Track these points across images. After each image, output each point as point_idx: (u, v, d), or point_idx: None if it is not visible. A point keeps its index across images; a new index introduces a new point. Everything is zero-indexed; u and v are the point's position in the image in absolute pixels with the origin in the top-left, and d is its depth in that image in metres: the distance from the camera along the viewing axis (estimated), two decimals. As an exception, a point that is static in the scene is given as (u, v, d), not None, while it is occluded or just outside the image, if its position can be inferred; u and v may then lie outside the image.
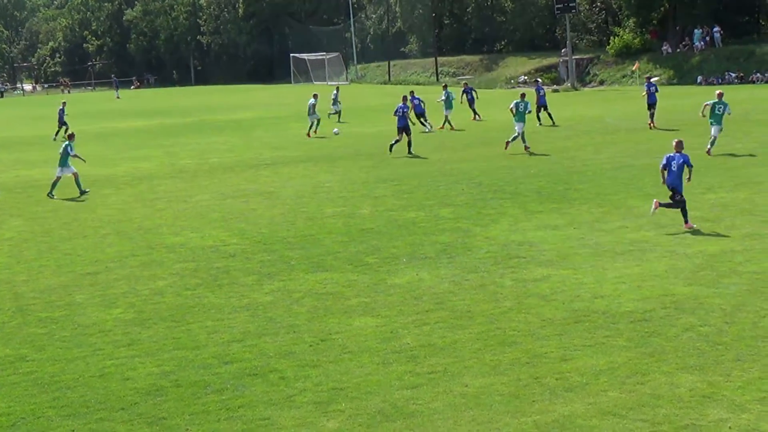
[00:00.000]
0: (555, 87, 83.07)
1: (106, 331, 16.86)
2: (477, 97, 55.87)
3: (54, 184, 33.40)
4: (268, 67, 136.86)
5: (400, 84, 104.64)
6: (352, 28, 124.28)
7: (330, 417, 12.57)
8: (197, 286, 19.78)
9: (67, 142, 34.15)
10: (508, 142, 38.14)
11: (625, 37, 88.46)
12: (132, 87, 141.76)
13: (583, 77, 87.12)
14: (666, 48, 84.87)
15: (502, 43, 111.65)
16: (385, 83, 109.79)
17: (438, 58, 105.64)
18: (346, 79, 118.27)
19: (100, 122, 68.45)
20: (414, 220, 25.37)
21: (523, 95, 39.12)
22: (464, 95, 55.23)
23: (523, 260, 20.42)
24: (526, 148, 37.40)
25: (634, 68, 79.39)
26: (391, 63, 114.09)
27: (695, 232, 22.15)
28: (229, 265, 21.48)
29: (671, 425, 11.74)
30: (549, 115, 49.55)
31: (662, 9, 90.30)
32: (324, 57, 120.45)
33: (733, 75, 74.51)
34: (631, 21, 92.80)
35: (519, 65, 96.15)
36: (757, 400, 12.34)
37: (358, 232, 24.35)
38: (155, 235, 25.30)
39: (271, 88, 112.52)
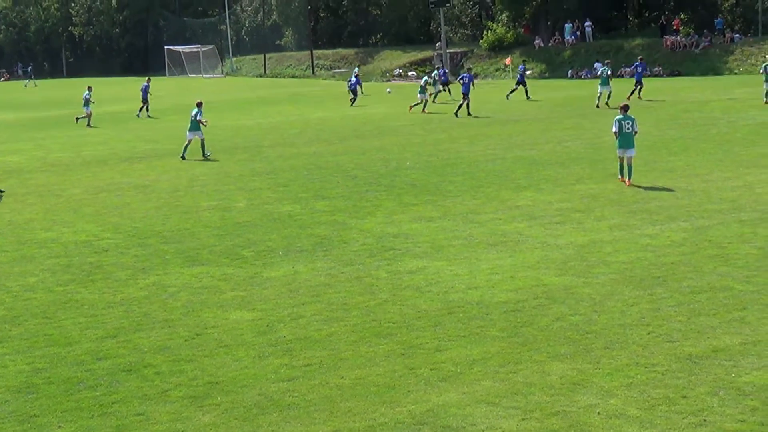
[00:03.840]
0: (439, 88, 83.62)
1: (-24, 329, 16.53)
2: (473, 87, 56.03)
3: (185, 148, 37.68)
4: (143, 59, 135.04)
5: (276, 77, 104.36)
6: (228, 21, 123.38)
7: (205, 411, 12.52)
8: (70, 281, 19.49)
9: (196, 110, 37.91)
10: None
11: (498, 31, 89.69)
12: (1, 79, 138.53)
13: (457, 70, 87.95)
14: (538, 42, 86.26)
15: (378, 36, 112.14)
16: (260, 76, 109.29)
17: (314, 51, 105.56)
18: (222, 72, 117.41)
19: (-33, 115, 66.81)
20: (290, 213, 25.37)
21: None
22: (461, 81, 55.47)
23: (399, 252, 20.59)
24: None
25: (507, 62, 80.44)
26: (267, 56, 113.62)
27: (564, 223, 22.58)
28: (102, 260, 21.21)
29: (542, 412, 11.99)
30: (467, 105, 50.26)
31: (534, 3, 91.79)
32: (199, 49, 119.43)
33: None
34: (504, 15, 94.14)
35: (394, 58, 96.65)
36: (625, 386, 12.67)
37: (233, 225, 24.26)
38: (26, 231, 24.84)
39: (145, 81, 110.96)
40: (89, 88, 55.89)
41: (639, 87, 52.81)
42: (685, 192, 25.70)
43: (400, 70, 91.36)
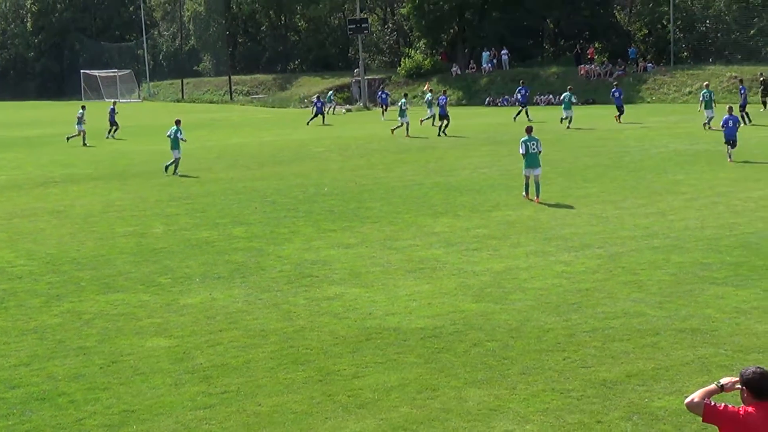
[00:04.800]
0: (348, 107, 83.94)
1: None
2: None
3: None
4: (58, 83, 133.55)
5: (194, 102, 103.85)
6: (145, 45, 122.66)
7: (121, 440, 12.40)
8: (-18, 308, 19.17)
9: (175, 128, 39.59)
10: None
11: (416, 58, 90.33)
12: None
13: (375, 97, 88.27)
14: (455, 69, 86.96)
15: (296, 62, 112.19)
16: (178, 101, 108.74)
17: (232, 77, 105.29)
18: (139, 97, 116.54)
19: None
20: (207, 240, 25.23)
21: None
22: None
23: (316, 279, 20.58)
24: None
25: (425, 89, 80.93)
26: (185, 81, 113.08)
27: (481, 249, 22.75)
28: (15, 287, 20.89)
29: (459, 438, 12.06)
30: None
31: (452, 31, 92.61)
32: (116, 74, 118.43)
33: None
34: (421, 42, 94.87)
35: (312, 84, 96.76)
36: (541, 411, 12.79)
37: (150, 251, 24.06)
38: (-63, 257, 24.39)
39: (61, 105, 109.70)
40: (83, 107, 56.83)
41: (620, 113, 55.98)
42: (600, 219, 26.05)
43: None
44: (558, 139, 46.86)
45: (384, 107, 71.26)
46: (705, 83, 54.99)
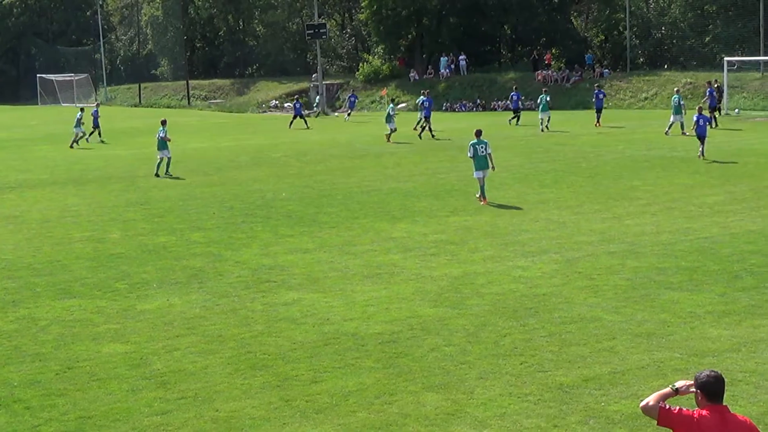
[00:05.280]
0: (306, 112, 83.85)
1: None
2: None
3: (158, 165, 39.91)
4: (14, 87, 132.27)
5: (152, 107, 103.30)
6: (102, 50, 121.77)
7: (77, 446, 12.33)
8: (-64, 314, 19.00)
9: (161, 128, 40.29)
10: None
11: (374, 63, 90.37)
12: None
13: (333, 102, 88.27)
14: (413, 75, 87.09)
15: (254, 67, 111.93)
16: (135, 106, 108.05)
17: (190, 82, 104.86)
18: (95, 101, 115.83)
19: None
20: (164, 245, 25.14)
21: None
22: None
23: (274, 284, 20.57)
24: None
25: (382, 94, 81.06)
26: (142, 85, 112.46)
27: (438, 254, 22.82)
28: (-30, 292, 20.74)
29: (417, 443, 12.10)
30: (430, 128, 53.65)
31: (410, 37, 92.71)
32: (72, 78, 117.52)
33: (477, 102, 77.57)
34: (380, 48, 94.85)
35: (270, 89, 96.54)
36: (498, 416, 12.86)
37: (107, 257, 23.94)
38: None
39: (16, 109, 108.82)
40: (82, 110, 57.77)
41: (599, 115, 57.48)
42: (556, 224, 26.20)
43: (277, 102, 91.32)
44: (514, 145, 47.08)
45: (350, 110, 72.52)
46: (676, 89, 55.47)
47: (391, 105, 55.23)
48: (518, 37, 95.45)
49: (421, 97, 57.32)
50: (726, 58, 65.09)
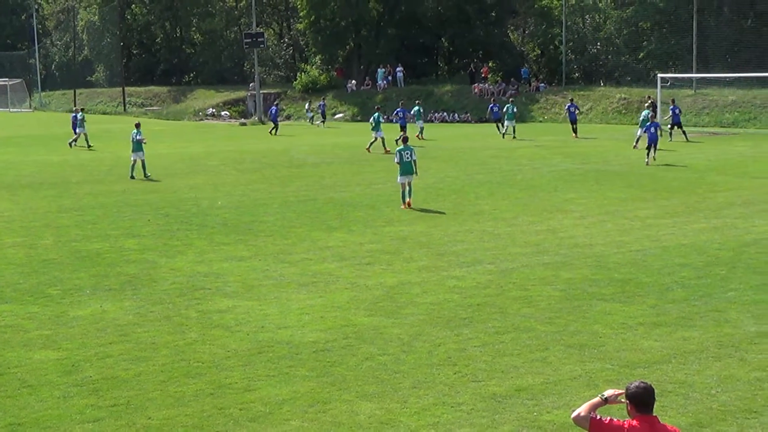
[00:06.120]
0: (242, 120, 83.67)
1: None
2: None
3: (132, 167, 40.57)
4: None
5: (87, 113, 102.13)
6: (37, 55, 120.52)
7: (7, 453, 12.20)
8: None
9: (135, 131, 41.09)
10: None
11: (311, 73, 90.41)
12: None
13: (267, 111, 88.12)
14: (351, 85, 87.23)
15: (191, 75, 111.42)
16: (70, 111, 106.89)
17: (126, 88, 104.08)
18: (30, 107, 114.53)
19: None
20: (98, 251, 24.93)
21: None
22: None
23: (209, 292, 20.48)
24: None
25: (310, 106, 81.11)
26: (78, 92, 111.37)
27: (374, 264, 22.86)
28: None
29: (350, 451, 12.10)
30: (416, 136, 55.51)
31: (348, 47, 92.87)
32: (6, 83, 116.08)
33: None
34: (317, 58, 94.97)
35: (207, 98, 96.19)
36: (431, 425, 12.91)
37: (39, 263, 23.69)
38: None
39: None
40: (81, 110, 59.90)
41: (574, 127, 58.82)
42: (492, 235, 26.36)
43: (213, 110, 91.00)
44: (451, 156, 47.30)
45: (323, 118, 75.67)
46: (646, 104, 55.91)
47: (377, 114, 54.17)
48: (456, 50, 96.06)
49: (398, 108, 59.09)
50: (660, 75, 65.94)
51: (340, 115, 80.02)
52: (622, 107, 72.32)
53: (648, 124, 43.76)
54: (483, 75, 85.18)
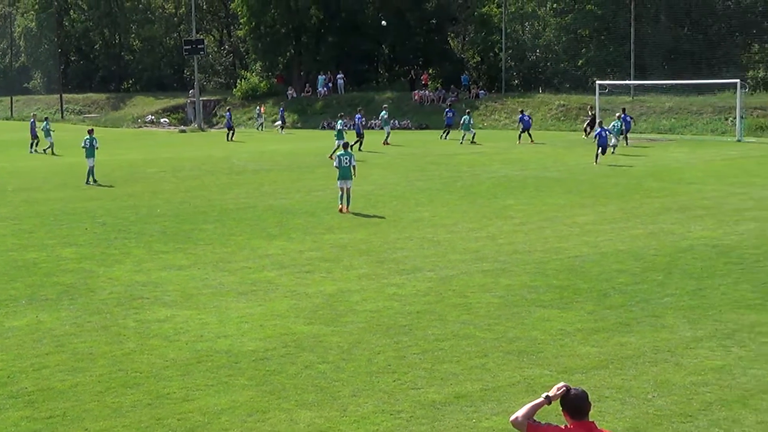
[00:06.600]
0: (182, 127, 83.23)
1: None
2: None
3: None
4: None
5: (24, 120, 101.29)
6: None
7: (-60, 467, 12.02)
8: None
9: (89, 137, 42.18)
10: None
11: (252, 80, 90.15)
12: None
13: (210, 118, 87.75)
14: (291, 92, 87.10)
15: (130, 81, 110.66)
16: (7, 119, 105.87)
17: (63, 95, 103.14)
18: (33, 114, 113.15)
19: None
20: (34, 261, 24.65)
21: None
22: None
23: (147, 301, 20.32)
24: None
25: (260, 111, 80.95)
26: (14, 98, 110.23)
27: (314, 272, 22.83)
28: None
29: (289, 460, 12.06)
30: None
31: (288, 54, 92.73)
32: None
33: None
34: (258, 65, 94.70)
35: (147, 105, 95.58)
36: (371, 433, 12.92)
37: (-26, 273, 23.39)
38: None
39: None
40: (46, 119, 60.87)
41: (524, 132, 60.39)
42: (431, 242, 26.42)
43: (153, 117, 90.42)
44: (391, 163, 47.40)
45: (282, 123, 77.24)
46: (617, 114, 56.24)
47: (341, 121, 54.33)
48: (396, 57, 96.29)
49: (357, 114, 60.31)
50: (598, 82, 66.55)
51: (279, 122, 79.82)
52: (561, 114, 72.89)
53: (599, 130, 46.61)
54: (423, 82, 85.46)
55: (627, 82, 71.45)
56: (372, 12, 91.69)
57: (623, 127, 53.94)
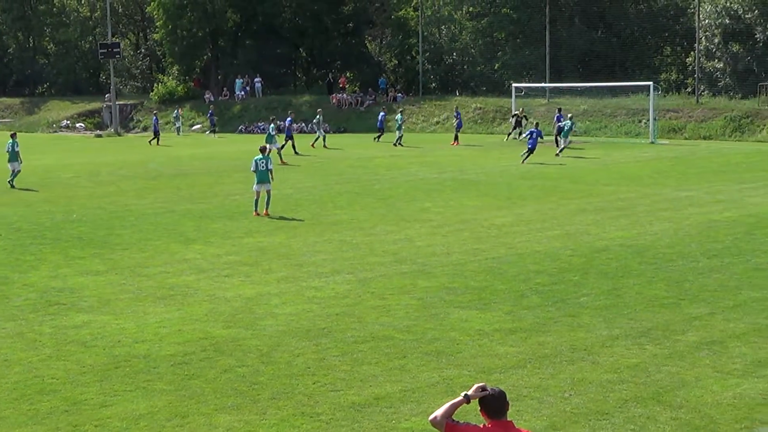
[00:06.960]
0: (98, 132, 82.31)
1: None
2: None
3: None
4: None
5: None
6: None
7: None
8: None
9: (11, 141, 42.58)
10: None
11: (168, 84, 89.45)
12: None
13: (127, 123, 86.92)
14: (209, 96, 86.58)
15: (45, 86, 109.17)
16: None
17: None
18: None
19: None
20: (-53, 268, 24.26)
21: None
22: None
23: (64, 307, 20.10)
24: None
25: (179, 113, 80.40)
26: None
27: (232, 275, 22.76)
28: None
29: (209, 464, 12.02)
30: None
31: (205, 58, 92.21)
32: None
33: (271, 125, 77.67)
34: (174, 69, 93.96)
35: (62, 109, 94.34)
36: (290, 435, 12.92)
37: None
38: None
39: None
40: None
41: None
42: (350, 245, 26.47)
43: (68, 122, 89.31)
44: (310, 166, 47.38)
45: (214, 128, 76.22)
46: (569, 115, 56.52)
47: (272, 125, 53.93)
48: (314, 60, 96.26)
49: (287, 117, 60.13)
50: (514, 85, 67.16)
51: (198, 126, 79.32)
52: (478, 117, 73.42)
53: (531, 130, 48.89)
54: (341, 85, 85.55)
55: (542, 84, 72.24)
56: (289, 15, 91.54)
57: (566, 128, 53.98)
